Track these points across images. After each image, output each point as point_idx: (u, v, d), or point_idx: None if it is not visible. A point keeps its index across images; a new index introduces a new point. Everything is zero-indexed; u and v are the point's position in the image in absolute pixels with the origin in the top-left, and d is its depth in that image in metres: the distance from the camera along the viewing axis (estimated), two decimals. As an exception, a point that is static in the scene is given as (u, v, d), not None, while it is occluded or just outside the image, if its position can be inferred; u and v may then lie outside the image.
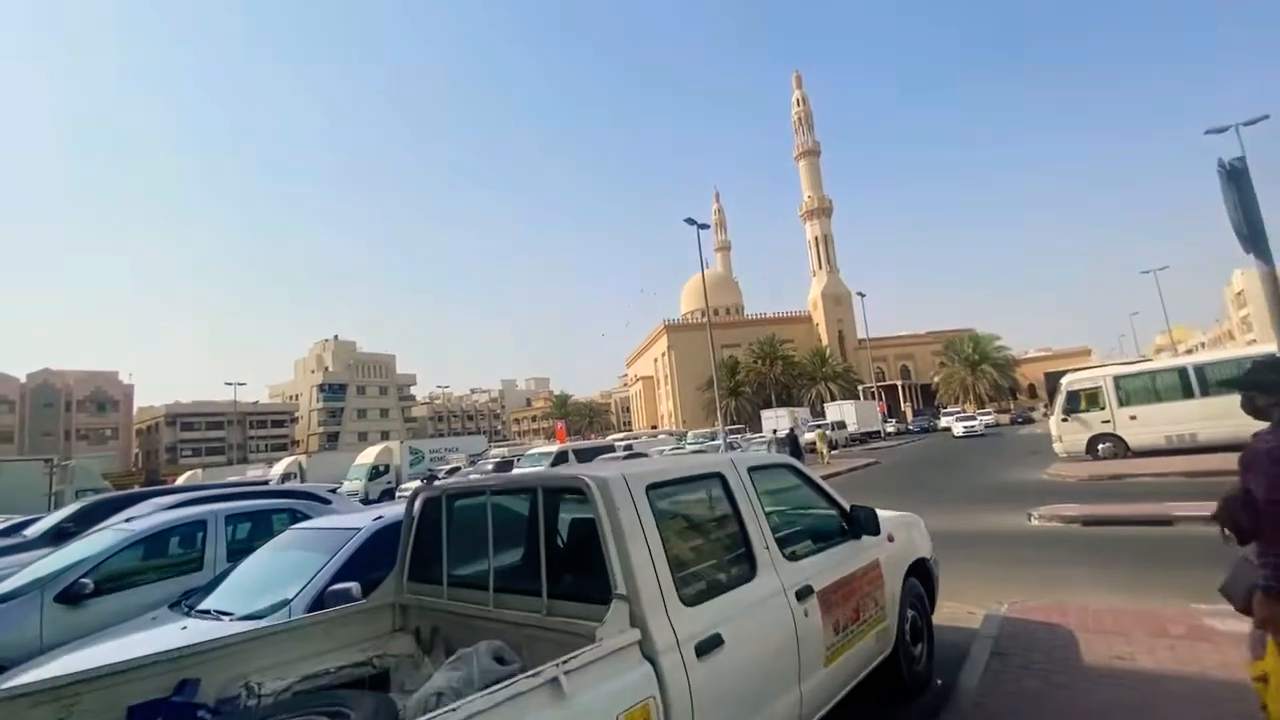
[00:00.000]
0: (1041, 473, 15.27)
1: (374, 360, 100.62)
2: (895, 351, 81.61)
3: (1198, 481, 11.53)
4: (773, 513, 3.14)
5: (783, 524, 3.29)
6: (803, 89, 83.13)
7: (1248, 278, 79.99)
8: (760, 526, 2.86)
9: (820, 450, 29.05)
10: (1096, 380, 16.46)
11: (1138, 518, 8.32)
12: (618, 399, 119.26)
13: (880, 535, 3.54)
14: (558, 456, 23.73)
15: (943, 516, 10.97)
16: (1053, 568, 6.75)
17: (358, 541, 4.25)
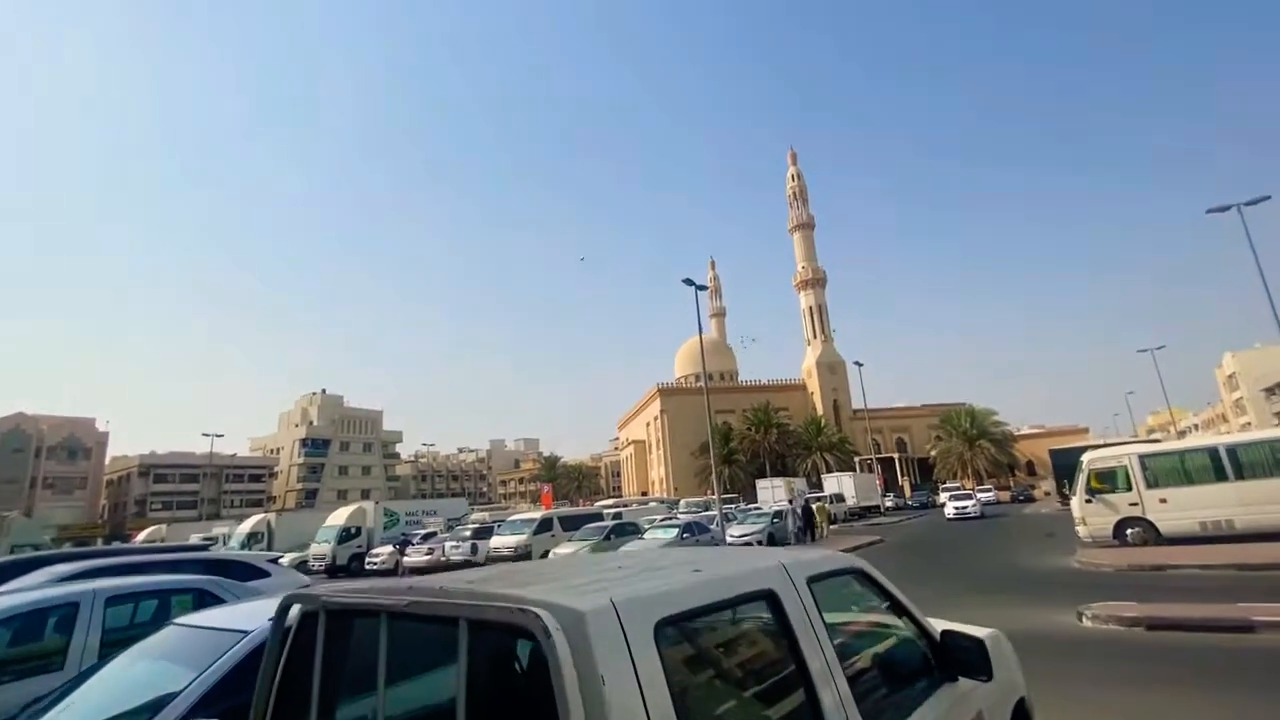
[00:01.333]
0: (1071, 559, 13.97)
1: (360, 416, 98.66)
2: (891, 424, 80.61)
3: (1253, 575, 10.36)
4: (841, 644, 2.04)
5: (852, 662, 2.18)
6: (797, 165, 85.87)
7: (1239, 360, 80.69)
8: (832, 676, 1.78)
9: (820, 524, 27.57)
10: (1121, 459, 15.43)
11: (1211, 622, 7.11)
12: (608, 463, 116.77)
13: (992, 678, 2.40)
14: (541, 524, 22.22)
15: (977, 611, 9.68)
16: (1132, 691, 5.50)
17: (239, 653, 3.06)
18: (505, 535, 22.19)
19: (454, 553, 23.34)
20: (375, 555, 27.17)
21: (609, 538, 20.25)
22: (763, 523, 24.66)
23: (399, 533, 30.61)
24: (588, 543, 19.82)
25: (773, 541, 23.48)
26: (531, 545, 21.19)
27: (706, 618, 1.54)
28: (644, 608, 1.39)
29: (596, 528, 21.32)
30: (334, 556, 27.73)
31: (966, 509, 32.68)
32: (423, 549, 25.22)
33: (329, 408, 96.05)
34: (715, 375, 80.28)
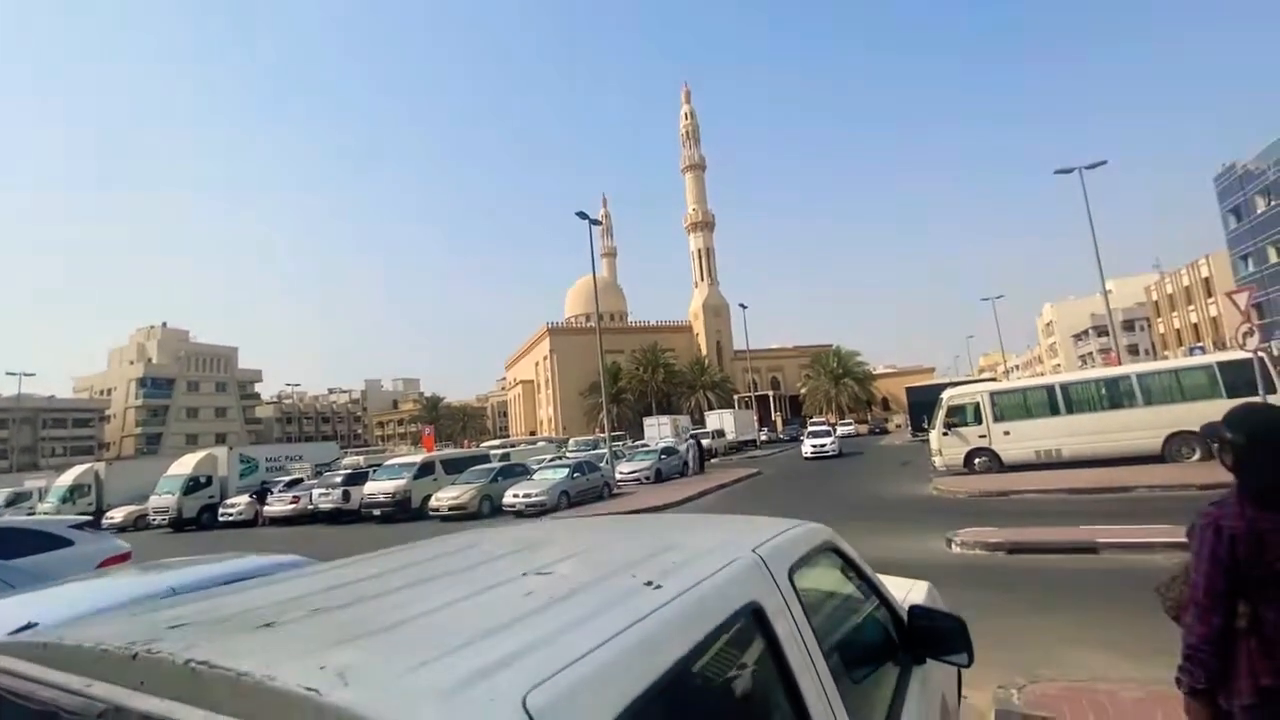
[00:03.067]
0: (928, 487, 15.27)
1: (210, 352, 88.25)
2: (767, 363, 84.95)
3: (1081, 499, 11.76)
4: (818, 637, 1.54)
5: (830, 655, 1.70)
6: (691, 103, 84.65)
7: (1056, 310, 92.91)
8: (824, 691, 1.28)
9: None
10: (974, 396, 16.91)
11: (1062, 544, 7.85)
12: (495, 403, 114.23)
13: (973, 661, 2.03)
14: (422, 467, 20.93)
15: (852, 540, 10.14)
16: (1006, 615, 5.83)
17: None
18: (382, 480, 20.70)
19: (323, 500, 21.53)
20: (230, 506, 24.60)
21: (496, 479, 19.54)
22: (650, 459, 25.04)
23: (258, 481, 27.88)
24: (473, 485, 19.00)
25: (659, 477, 23.96)
26: (411, 490, 19.95)
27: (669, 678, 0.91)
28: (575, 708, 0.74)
29: (483, 470, 20.46)
30: (179, 509, 24.78)
31: (824, 447, 30.47)
32: (286, 498, 23.11)
33: (171, 343, 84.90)
34: (606, 315, 79.80)
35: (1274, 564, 1.77)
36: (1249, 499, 1.85)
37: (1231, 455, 1.90)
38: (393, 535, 16.71)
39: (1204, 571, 1.86)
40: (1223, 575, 1.82)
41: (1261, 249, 44.87)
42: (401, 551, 1.84)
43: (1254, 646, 1.80)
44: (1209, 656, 1.83)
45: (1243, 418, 1.94)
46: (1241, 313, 13.04)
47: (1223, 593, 1.83)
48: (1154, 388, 15.16)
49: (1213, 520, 1.87)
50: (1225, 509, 1.88)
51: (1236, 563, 1.81)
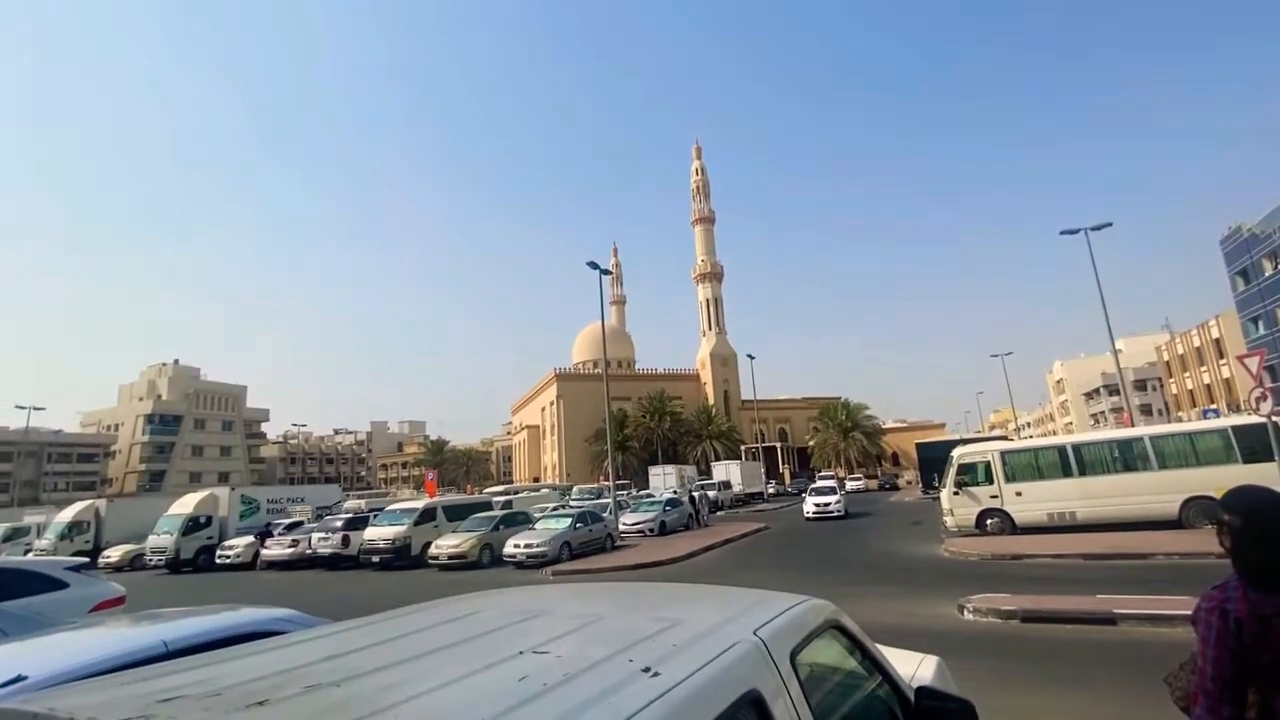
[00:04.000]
0: (940, 548, 14.89)
1: (219, 391, 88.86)
2: (775, 414, 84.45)
3: (1097, 565, 11.43)
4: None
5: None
6: (702, 159, 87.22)
7: (1066, 367, 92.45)
8: None
9: (701, 511, 28.15)
10: (985, 455, 16.67)
11: (1079, 614, 7.58)
12: (500, 447, 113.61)
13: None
14: (423, 513, 20.68)
15: (862, 604, 9.87)
16: (1020, 689, 5.60)
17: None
18: (382, 526, 20.43)
19: (322, 545, 21.23)
20: (229, 547, 24.28)
21: (497, 528, 19.25)
22: (655, 510, 24.65)
23: (260, 522, 27.61)
24: (474, 534, 18.71)
25: (664, 530, 23.53)
26: (412, 537, 19.66)
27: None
28: None
29: (484, 518, 20.17)
30: (177, 550, 24.47)
31: (828, 507, 26.39)
32: (285, 541, 22.81)
33: (182, 381, 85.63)
34: (614, 362, 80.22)
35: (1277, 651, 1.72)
36: (1249, 582, 1.83)
37: (1229, 538, 1.90)
38: (390, 584, 16.37)
39: (1212, 659, 1.80)
40: (1231, 662, 1.77)
41: (1271, 311, 44.79)
42: (402, 617, 1.81)
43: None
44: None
45: (1238, 500, 1.94)
46: (1254, 376, 12.93)
47: (1232, 681, 1.77)
48: (1168, 451, 14.90)
49: (1217, 605, 1.83)
50: (1228, 593, 1.85)
51: (1244, 649, 1.76)
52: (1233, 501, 1.94)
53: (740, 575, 13.65)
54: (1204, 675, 1.82)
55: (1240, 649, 1.76)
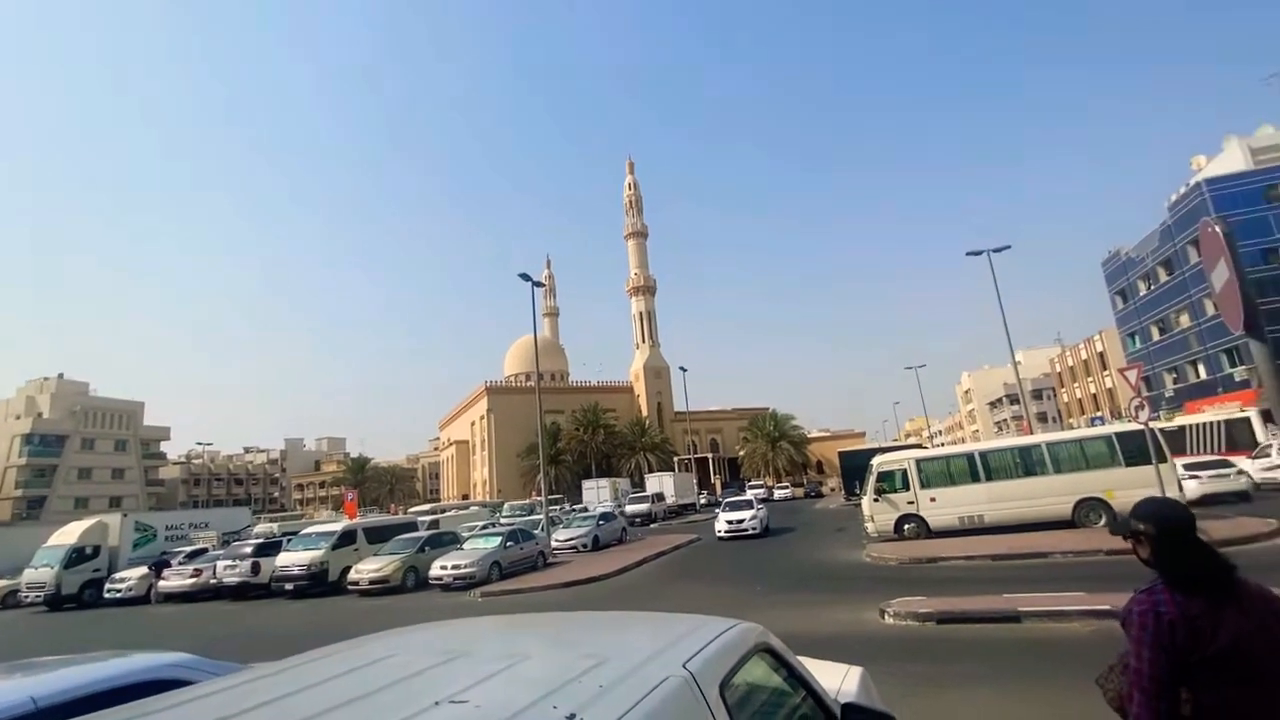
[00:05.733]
0: (862, 554, 15.49)
1: (111, 408, 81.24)
2: (706, 425, 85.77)
3: (1003, 565, 12.21)
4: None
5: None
6: (634, 174, 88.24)
7: (973, 378, 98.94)
8: None
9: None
10: (902, 463, 17.52)
11: (988, 614, 8.06)
12: (427, 464, 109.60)
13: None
14: (342, 536, 19.55)
15: (789, 612, 10.13)
16: (938, 689, 5.87)
17: None
18: (296, 551, 19.16)
19: (229, 574, 19.68)
20: (120, 580, 22.13)
21: (423, 549, 18.48)
22: (588, 525, 24.40)
23: (156, 551, 25.35)
24: (397, 556, 17.88)
25: (597, 545, 23.32)
26: (329, 562, 18.55)
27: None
28: None
29: (409, 539, 19.31)
30: (58, 585, 22.11)
31: (742, 525, 22.77)
32: (186, 570, 21.03)
33: (67, 397, 77.72)
34: (546, 375, 79.30)
35: (1209, 649, 1.83)
36: (1173, 586, 1.95)
37: (1148, 548, 2.05)
38: (304, 614, 15.38)
39: (1148, 660, 1.89)
40: (1165, 662, 1.87)
41: (1146, 328, 49.70)
42: (306, 665, 1.68)
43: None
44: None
45: (1149, 512, 2.09)
46: (1133, 387, 14.29)
47: (1167, 680, 1.86)
48: (1062, 456, 16.17)
49: (1150, 608, 1.93)
50: (1158, 596, 1.96)
51: (1177, 649, 1.86)
52: (1144, 513, 2.09)
53: (672, 590, 13.69)
54: (1140, 675, 1.90)
55: (1174, 650, 1.86)
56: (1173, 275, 45.33)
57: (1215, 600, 1.90)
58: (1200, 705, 1.83)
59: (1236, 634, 1.83)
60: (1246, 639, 1.83)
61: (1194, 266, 40.98)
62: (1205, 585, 1.93)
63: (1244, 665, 1.81)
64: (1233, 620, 1.86)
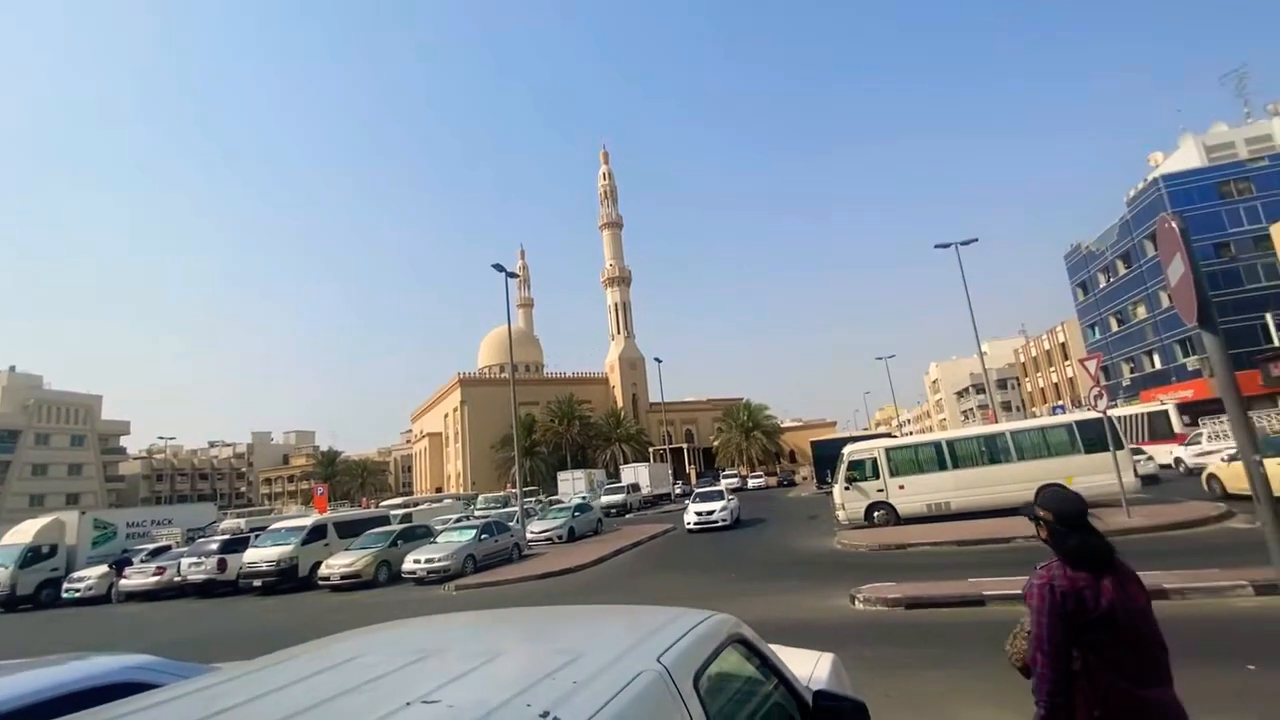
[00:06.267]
0: (834, 541, 15.78)
1: (67, 401, 78.29)
2: (681, 416, 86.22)
3: (969, 550, 12.54)
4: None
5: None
6: (609, 164, 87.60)
7: (940, 368, 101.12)
8: None
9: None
10: (872, 452, 17.85)
11: (954, 598, 8.28)
12: (399, 457, 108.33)
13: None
14: (311, 531, 19.22)
15: (763, 599, 10.29)
16: (907, 672, 6.04)
17: None
18: (265, 547, 18.77)
19: (194, 571, 19.22)
20: (78, 579, 21.47)
21: (395, 543, 18.28)
22: (564, 516, 24.38)
23: (117, 549, 24.62)
24: (369, 550, 17.65)
25: (573, 536, 23.32)
26: (299, 557, 18.23)
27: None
28: None
29: (381, 533, 19.08)
30: (12, 585, 21.38)
31: (711, 516, 22.07)
32: (149, 569, 20.47)
33: (19, 390, 74.74)
34: (521, 366, 78.74)
35: (1093, 614, 2.18)
36: (1066, 563, 2.32)
37: (1045, 530, 2.43)
38: (272, 610, 15.11)
39: (1046, 625, 2.23)
40: (1060, 627, 2.21)
41: (1105, 319, 51.35)
42: (273, 668, 1.65)
43: (1085, 686, 2.20)
44: (1061, 698, 2.20)
45: (1048, 500, 2.48)
46: (1092, 377, 14.76)
47: (1062, 642, 2.20)
48: (1025, 444, 16.66)
49: (1046, 582, 2.28)
50: (1053, 571, 2.32)
51: (1068, 616, 2.21)
52: (1044, 501, 2.47)
53: (647, 580, 13.79)
54: (1040, 640, 2.23)
55: (1066, 616, 2.20)
56: (1131, 268, 46.85)
57: (1097, 574, 2.27)
58: (1087, 661, 2.20)
59: (1112, 601, 2.20)
60: (1119, 605, 2.20)
61: (1151, 260, 42.42)
62: (1089, 562, 2.29)
63: (1117, 626, 2.18)
64: (1109, 590, 2.22)
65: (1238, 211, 40.54)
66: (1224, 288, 38.01)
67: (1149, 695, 2.17)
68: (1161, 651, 2.24)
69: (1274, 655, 5.05)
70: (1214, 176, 42.06)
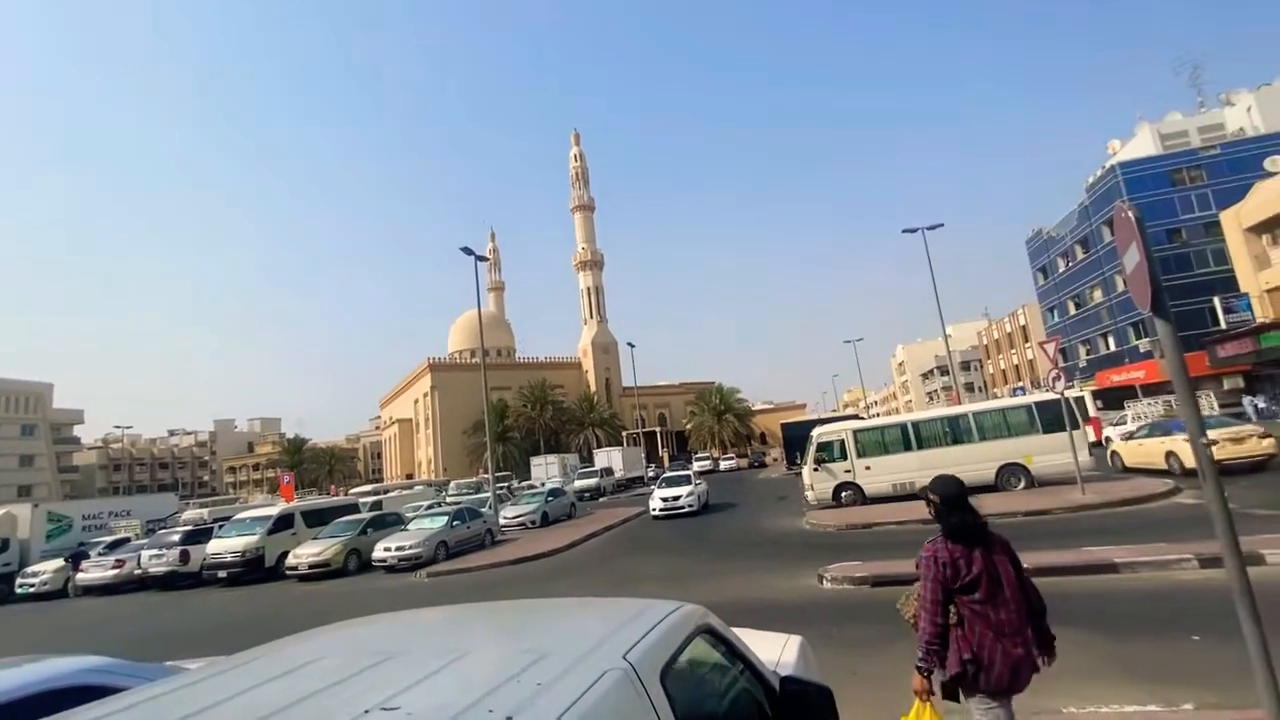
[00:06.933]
0: (802, 521, 16.10)
1: (15, 390, 74.97)
2: (654, 400, 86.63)
3: (932, 529, 12.82)
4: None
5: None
6: (580, 146, 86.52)
7: (907, 351, 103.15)
8: None
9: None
10: (840, 433, 18.18)
11: (916, 576, 8.47)
12: (368, 444, 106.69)
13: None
14: (278, 521, 18.84)
15: (733, 579, 10.47)
16: (874, 649, 6.22)
17: None
18: (229, 538, 18.36)
19: (155, 564, 18.72)
20: (32, 574, 20.78)
21: (365, 531, 18.05)
22: (537, 501, 24.37)
23: (73, 542, 23.86)
24: (338, 539, 17.40)
25: (546, 520, 23.33)
26: (265, 547, 17.88)
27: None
28: None
29: (350, 521, 18.81)
30: (-43, 582, 20.53)
31: (678, 501, 21.26)
32: (107, 561, 19.89)
33: (-38, 380, 71.24)
34: (493, 351, 77.92)
35: (965, 579, 2.82)
36: (947, 537, 2.95)
37: (933, 510, 3.05)
38: (239, 602, 14.83)
39: (930, 588, 2.89)
40: (941, 589, 2.86)
41: (1064, 302, 52.91)
42: (233, 671, 1.60)
43: (960, 635, 2.82)
44: (939, 645, 2.84)
45: (937, 486, 3.09)
46: (1051, 359, 15.20)
47: (941, 601, 2.85)
48: (986, 424, 17.14)
49: (932, 553, 2.95)
50: (937, 545, 2.97)
51: (947, 580, 2.85)
52: (933, 486, 3.11)
53: (619, 564, 13.89)
54: (925, 600, 2.91)
55: (945, 580, 2.85)
56: (1089, 253, 48.24)
57: (970, 545, 2.89)
58: (961, 615, 2.83)
59: (981, 568, 2.83)
60: (987, 569, 2.83)
61: (1108, 245, 43.73)
62: (965, 536, 2.92)
63: (983, 588, 2.80)
64: (979, 560, 2.85)
65: (1189, 198, 41.93)
66: (1175, 272, 39.41)
67: (1006, 644, 2.77)
68: (1020, 608, 2.83)
69: (1216, 626, 5.31)
70: (1167, 164, 43.38)
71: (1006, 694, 2.82)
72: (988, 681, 2.76)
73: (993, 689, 2.78)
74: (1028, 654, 2.80)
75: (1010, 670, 2.75)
